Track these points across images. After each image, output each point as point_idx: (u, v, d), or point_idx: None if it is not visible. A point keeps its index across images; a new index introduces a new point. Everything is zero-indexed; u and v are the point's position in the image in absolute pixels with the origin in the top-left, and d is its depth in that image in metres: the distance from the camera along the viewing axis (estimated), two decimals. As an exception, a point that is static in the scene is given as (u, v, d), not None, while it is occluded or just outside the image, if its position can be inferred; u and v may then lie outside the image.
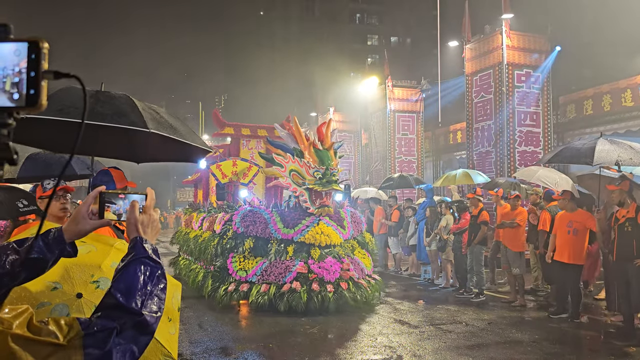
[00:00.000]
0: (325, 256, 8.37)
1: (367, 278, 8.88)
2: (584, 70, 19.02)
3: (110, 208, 1.48)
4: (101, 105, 3.06)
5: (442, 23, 27.24)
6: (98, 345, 1.08)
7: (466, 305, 8.84)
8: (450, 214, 10.58)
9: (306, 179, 8.54)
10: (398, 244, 13.06)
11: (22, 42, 0.75)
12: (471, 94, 16.16)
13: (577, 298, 7.65)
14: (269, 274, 8.23)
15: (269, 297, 7.98)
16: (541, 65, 15.21)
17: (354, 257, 8.94)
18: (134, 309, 1.17)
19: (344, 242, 8.90)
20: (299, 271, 8.14)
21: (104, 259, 2.12)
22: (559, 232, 7.83)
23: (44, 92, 0.75)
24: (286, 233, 8.46)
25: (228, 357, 6.03)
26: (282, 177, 8.88)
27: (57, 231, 1.47)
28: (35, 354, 1.00)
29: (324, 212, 8.51)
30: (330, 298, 7.96)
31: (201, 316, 8.01)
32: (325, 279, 8.13)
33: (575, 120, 17.03)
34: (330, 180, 8.49)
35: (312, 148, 8.61)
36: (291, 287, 7.99)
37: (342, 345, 6.45)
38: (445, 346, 6.37)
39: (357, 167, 27.64)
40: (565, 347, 6.50)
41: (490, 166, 15.20)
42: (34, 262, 1.41)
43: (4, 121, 0.75)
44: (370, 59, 53.86)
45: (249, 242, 8.56)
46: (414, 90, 21.89)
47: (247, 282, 8.29)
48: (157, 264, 1.30)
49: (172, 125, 3.30)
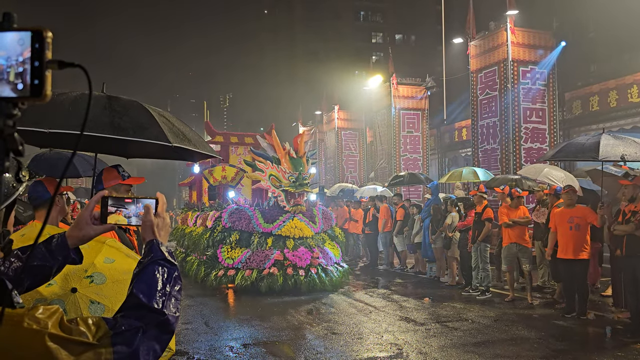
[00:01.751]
0: (298, 246, 10.01)
1: (336, 265, 10.45)
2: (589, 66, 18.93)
3: (123, 212, 1.48)
4: (119, 118, 3.08)
5: (447, 20, 27.20)
6: (126, 343, 1.11)
7: (472, 303, 8.82)
8: (456, 211, 10.55)
9: (282, 183, 10.29)
10: (403, 241, 13.04)
11: (26, 32, 0.75)
12: (476, 91, 16.09)
13: (584, 294, 7.58)
14: (251, 261, 9.85)
15: (251, 280, 9.61)
16: (546, 61, 15.12)
17: (324, 247, 10.49)
18: (157, 309, 1.20)
19: (315, 234, 10.47)
20: (277, 259, 9.80)
21: (96, 255, 2.16)
22: (560, 229, 7.74)
23: (48, 82, 0.75)
24: (266, 227, 10.12)
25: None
26: (263, 180, 10.52)
27: (61, 237, 1.46)
28: (70, 353, 1.02)
29: (297, 210, 10.26)
30: (302, 281, 9.62)
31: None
32: (298, 265, 9.77)
33: (581, 116, 16.95)
34: (302, 184, 10.26)
35: (287, 156, 10.40)
36: (270, 272, 9.64)
37: (347, 342, 6.45)
38: (451, 343, 6.36)
39: (362, 165, 27.62)
40: (572, 344, 6.47)
41: (495, 163, 15.13)
42: (36, 269, 1.40)
43: (9, 112, 0.75)
44: (374, 56, 53.79)
45: (235, 235, 10.17)
46: (419, 87, 21.82)
47: (234, 268, 9.86)
48: (173, 266, 1.32)
49: (183, 132, 3.36)
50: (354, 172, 27.53)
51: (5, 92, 0.74)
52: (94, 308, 2.00)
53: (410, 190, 19.35)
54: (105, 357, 1.08)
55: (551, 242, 7.97)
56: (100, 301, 2.03)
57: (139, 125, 3.13)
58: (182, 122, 3.57)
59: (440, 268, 11.41)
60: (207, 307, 8.73)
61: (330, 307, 8.61)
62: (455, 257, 10.49)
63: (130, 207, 1.47)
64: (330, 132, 28.90)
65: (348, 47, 51.74)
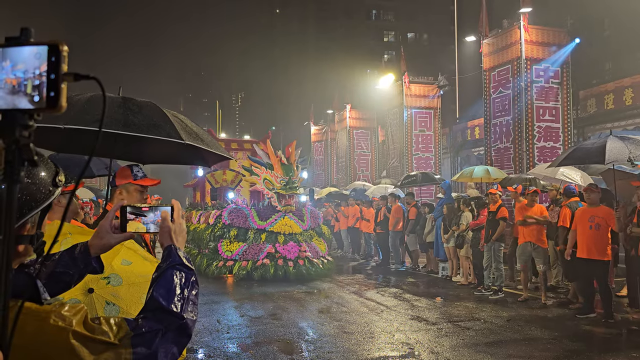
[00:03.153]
0: (288, 241, 11.57)
1: (322, 258, 11.96)
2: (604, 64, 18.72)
3: (142, 220, 1.54)
4: (134, 116, 3.11)
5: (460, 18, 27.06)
6: (146, 344, 1.14)
7: (484, 303, 8.78)
8: (468, 210, 10.50)
9: (275, 186, 11.82)
10: (415, 240, 13.01)
11: (42, 46, 0.77)
12: (489, 90, 15.99)
13: (608, 296, 7.33)
14: (247, 254, 11.38)
15: (247, 270, 11.11)
16: (560, 58, 14.98)
17: (311, 242, 12.05)
18: (176, 313, 1.23)
19: (304, 231, 11.97)
20: (269, 252, 11.33)
21: (114, 256, 2.18)
22: (579, 228, 7.60)
23: (63, 94, 0.77)
24: (260, 224, 11.63)
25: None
26: (258, 183, 12.07)
27: (83, 246, 1.50)
28: (91, 351, 1.06)
29: (287, 210, 11.77)
30: (291, 271, 11.12)
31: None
32: (287, 257, 11.31)
33: (596, 114, 16.78)
34: (292, 187, 11.79)
35: (279, 163, 11.90)
36: (263, 262, 11.17)
37: (359, 341, 6.46)
38: (463, 343, 6.34)
39: (373, 164, 27.58)
40: (586, 344, 6.42)
41: (509, 162, 15.03)
42: (59, 276, 1.44)
43: (25, 123, 0.78)
44: (386, 55, 53.53)
45: (234, 231, 11.64)
46: (431, 86, 21.72)
47: (232, 260, 11.36)
48: (190, 271, 1.35)
49: (196, 133, 3.38)
50: (366, 171, 27.50)
51: (22, 103, 0.77)
52: (109, 309, 2.03)
53: (422, 189, 19.28)
54: (125, 357, 1.11)
55: (571, 240, 7.78)
56: (115, 302, 2.06)
57: (152, 123, 3.14)
58: (195, 124, 3.61)
59: (453, 267, 11.37)
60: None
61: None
62: (468, 256, 10.44)
63: (148, 215, 1.52)
64: (342, 131, 28.90)
65: (360, 46, 51.66)
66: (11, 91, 0.77)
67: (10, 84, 0.77)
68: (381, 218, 14.04)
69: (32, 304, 1.08)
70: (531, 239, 8.77)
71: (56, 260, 1.46)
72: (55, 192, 1.14)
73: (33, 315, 1.05)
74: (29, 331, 1.03)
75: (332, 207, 18.50)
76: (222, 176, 16.05)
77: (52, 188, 1.13)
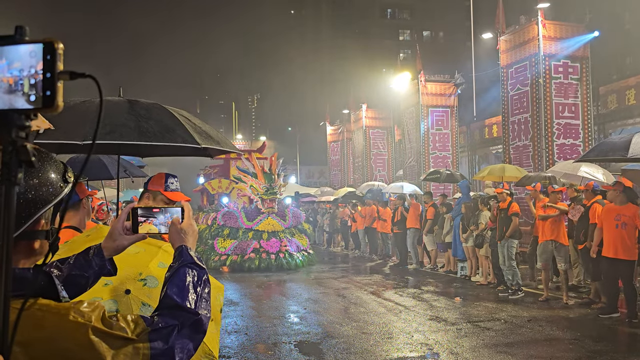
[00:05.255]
0: (270, 237, 13.79)
1: (302, 252, 14.22)
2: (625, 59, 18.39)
3: (153, 222, 1.56)
4: (146, 122, 3.12)
5: (475, 15, 26.79)
6: (162, 339, 1.17)
7: (504, 302, 8.67)
8: (487, 209, 10.38)
9: (259, 192, 14.21)
10: (433, 240, 12.91)
11: (37, 44, 0.76)
12: (507, 87, 15.78)
13: (632, 296, 7.18)
14: (237, 249, 13.58)
15: (237, 262, 13.36)
16: (579, 54, 14.71)
17: (292, 238, 14.24)
18: (191, 309, 1.26)
19: (285, 229, 14.17)
20: (255, 247, 13.56)
21: (151, 259, 2.23)
22: (605, 226, 7.41)
23: (59, 93, 0.75)
24: (248, 224, 13.85)
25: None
26: (246, 190, 14.62)
27: (97, 248, 1.53)
28: (110, 346, 1.09)
29: (270, 211, 14.03)
30: (273, 262, 13.33)
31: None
32: (270, 251, 13.51)
33: (616, 110, 16.48)
34: (272, 192, 14.16)
35: (262, 172, 14.24)
36: (249, 256, 13.41)
37: (377, 342, 6.41)
38: (483, 344, 6.25)
39: (390, 163, 27.44)
40: (610, 344, 6.28)
41: (527, 160, 14.81)
42: (75, 278, 1.46)
43: (22, 123, 0.76)
44: (402, 54, 53.30)
45: (226, 230, 13.92)
46: (448, 84, 21.51)
47: (225, 255, 13.58)
48: (202, 269, 1.38)
49: (207, 132, 3.38)
50: (383, 170, 27.38)
51: (19, 103, 0.75)
52: (145, 310, 2.07)
53: (440, 187, 19.12)
54: (143, 352, 1.13)
55: (597, 238, 7.60)
56: (150, 304, 2.09)
57: (166, 128, 3.15)
58: (201, 120, 3.60)
59: (471, 267, 11.25)
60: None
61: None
62: (487, 255, 10.32)
63: (159, 217, 1.55)
64: (358, 131, 28.82)
65: (375, 45, 51.48)
66: (8, 90, 0.75)
67: (7, 82, 0.76)
68: (398, 218, 13.96)
69: (50, 301, 1.11)
70: (552, 237, 8.62)
71: (72, 263, 1.49)
72: (66, 188, 1.17)
73: (52, 311, 1.08)
74: (49, 327, 1.06)
75: (349, 207, 18.45)
76: (218, 184, 19.01)
77: (63, 184, 1.16)
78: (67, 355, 1.06)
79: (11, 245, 0.77)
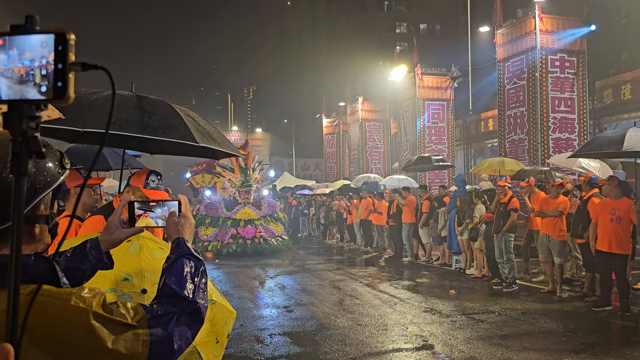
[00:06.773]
0: (247, 225, 15.30)
1: (277, 237, 15.67)
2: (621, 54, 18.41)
3: (150, 215, 1.57)
4: (150, 117, 3.16)
5: (473, 8, 26.73)
6: (162, 326, 1.19)
7: (498, 295, 8.73)
8: (481, 203, 10.42)
9: (236, 184, 16.21)
10: (429, 233, 12.95)
11: (49, 34, 0.76)
12: (503, 80, 15.80)
13: (625, 290, 7.26)
14: (217, 236, 15.12)
15: (217, 248, 14.79)
16: (575, 48, 14.73)
17: (267, 226, 15.78)
18: (189, 298, 1.28)
19: (261, 217, 15.73)
20: (232, 234, 15.09)
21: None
22: (600, 220, 7.47)
23: (71, 84, 0.76)
24: (227, 214, 15.45)
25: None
26: (225, 183, 16.78)
27: (94, 241, 1.54)
28: (110, 332, 1.11)
29: (246, 202, 15.90)
30: (248, 247, 14.86)
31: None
32: (246, 237, 15.04)
33: (612, 105, 16.52)
34: (247, 184, 16.16)
35: (238, 167, 16.13)
36: (228, 242, 14.94)
37: (372, 334, 6.45)
38: (477, 336, 6.30)
39: (386, 156, 27.44)
40: (603, 337, 6.34)
41: (523, 154, 14.86)
42: (72, 271, 1.46)
43: (32, 114, 0.76)
44: (399, 47, 53.06)
45: (208, 219, 15.51)
46: (444, 77, 21.49)
47: (207, 241, 15.02)
48: (199, 260, 1.40)
49: (209, 132, 3.41)
50: (379, 163, 27.38)
51: (30, 94, 0.75)
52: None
53: (435, 180, 19.15)
54: (143, 339, 1.15)
55: (592, 233, 7.66)
56: None
57: (167, 125, 3.20)
58: (207, 122, 3.62)
59: (466, 260, 11.30)
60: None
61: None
62: (482, 249, 10.37)
63: (156, 210, 1.56)
64: (354, 124, 28.79)
65: (372, 38, 51.32)
66: (19, 80, 0.75)
67: (19, 73, 0.76)
68: (394, 210, 13.98)
69: (52, 287, 1.12)
70: (547, 231, 8.69)
71: (69, 256, 1.49)
72: (64, 173, 1.21)
73: (54, 297, 1.10)
74: (51, 312, 1.07)
75: (344, 200, 18.47)
76: (202, 178, 20.97)
77: (61, 170, 1.20)
78: (69, 339, 1.08)
79: (21, 234, 0.77)
